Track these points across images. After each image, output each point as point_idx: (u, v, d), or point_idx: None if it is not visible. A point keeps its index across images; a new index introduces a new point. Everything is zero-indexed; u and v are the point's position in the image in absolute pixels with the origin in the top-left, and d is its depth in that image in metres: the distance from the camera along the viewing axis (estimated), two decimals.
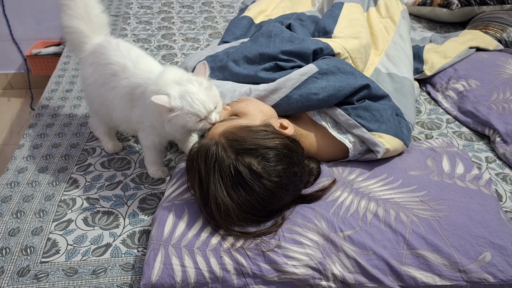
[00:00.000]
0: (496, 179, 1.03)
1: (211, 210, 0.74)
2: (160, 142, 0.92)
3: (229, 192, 0.73)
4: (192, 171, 0.77)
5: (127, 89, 0.86)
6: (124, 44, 0.92)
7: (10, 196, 0.94)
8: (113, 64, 0.87)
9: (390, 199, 0.81)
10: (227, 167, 0.73)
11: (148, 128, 0.89)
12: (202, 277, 0.71)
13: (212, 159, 0.74)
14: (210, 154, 0.74)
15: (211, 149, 0.74)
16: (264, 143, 0.75)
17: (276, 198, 0.76)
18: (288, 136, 0.82)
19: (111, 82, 0.88)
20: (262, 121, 0.84)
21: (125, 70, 0.86)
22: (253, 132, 0.77)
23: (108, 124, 1.02)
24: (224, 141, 0.76)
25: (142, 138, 0.93)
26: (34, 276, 0.76)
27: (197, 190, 0.77)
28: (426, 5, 1.83)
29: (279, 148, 0.76)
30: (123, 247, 0.83)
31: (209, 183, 0.74)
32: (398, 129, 0.93)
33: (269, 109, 0.92)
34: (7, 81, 2.52)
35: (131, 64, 0.86)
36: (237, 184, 0.73)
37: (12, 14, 2.29)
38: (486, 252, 0.73)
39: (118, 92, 0.88)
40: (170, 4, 2.00)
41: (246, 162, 0.73)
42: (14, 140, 2.17)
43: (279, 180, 0.74)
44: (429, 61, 1.41)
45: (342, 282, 0.73)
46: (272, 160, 0.74)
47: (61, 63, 1.50)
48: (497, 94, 1.22)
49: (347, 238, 0.74)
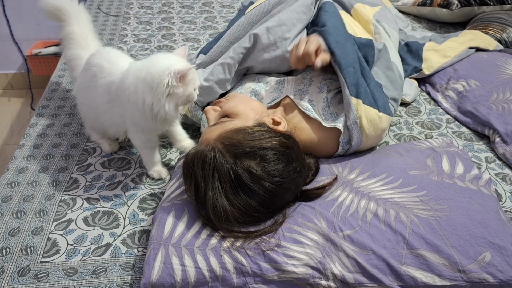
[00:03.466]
0: (496, 179, 1.03)
1: (209, 216, 0.74)
2: (148, 139, 0.94)
3: (229, 198, 0.72)
4: (188, 178, 0.77)
5: (104, 88, 0.90)
6: (107, 48, 0.97)
7: (10, 196, 0.94)
8: (93, 66, 0.93)
9: (390, 199, 0.81)
10: (226, 172, 0.72)
11: (132, 126, 0.91)
12: (202, 276, 0.71)
13: (210, 165, 0.73)
14: (208, 161, 0.73)
15: (208, 156, 0.73)
16: (261, 144, 0.75)
17: (277, 198, 0.76)
18: (282, 132, 0.82)
19: (91, 83, 0.93)
20: (255, 121, 0.83)
21: (102, 70, 0.91)
22: (248, 134, 0.77)
23: (99, 129, 1.04)
24: (221, 146, 0.75)
25: (131, 138, 0.96)
26: (34, 276, 0.76)
27: (193, 196, 0.76)
28: (426, 5, 1.83)
29: (276, 147, 0.76)
30: (123, 247, 0.83)
31: (206, 189, 0.73)
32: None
33: (259, 105, 0.92)
34: (7, 81, 2.52)
35: (107, 64, 0.91)
36: (237, 188, 0.72)
37: (12, 14, 2.29)
38: (486, 252, 0.73)
39: (97, 92, 0.92)
40: (170, 4, 2.00)
41: (245, 166, 0.73)
42: (14, 140, 2.17)
43: (280, 179, 0.74)
44: (428, 60, 1.41)
45: (342, 281, 0.73)
46: (271, 161, 0.74)
47: (61, 63, 1.50)
48: (497, 94, 1.22)
49: (347, 237, 0.75)
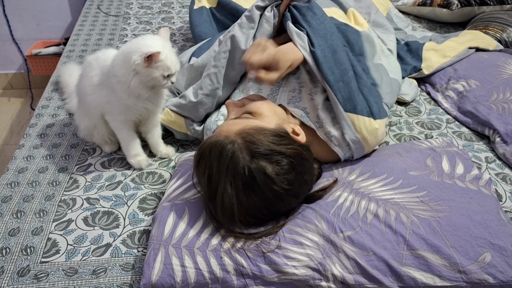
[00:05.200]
0: (496, 179, 1.03)
1: (216, 210, 0.74)
2: (125, 120, 0.98)
3: (239, 195, 0.72)
4: (201, 167, 0.75)
5: (96, 71, 0.95)
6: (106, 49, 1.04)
7: (10, 196, 0.94)
8: (90, 59, 0.99)
9: (390, 200, 0.81)
10: (241, 168, 0.71)
11: (116, 107, 0.95)
12: (202, 277, 0.71)
13: (227, 158, 0.72)
14: (225, 153, 0.72)
15: (226, 148, 0.72)
16: (280, 149, 0.74)
17: (283, 205, 0.76)
18: (301, 143, 0.81)
19: (87, 73, 0.98)
20: (277, 125, 0.82)
21: (98, 58, 0.97)
22: (269, 136, 0.76)
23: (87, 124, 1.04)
24: (241, 141, 0.74)
25: (110, 120, 0.99)
26: (34, 276, 0.76)
27: (204, 187, 0.75)
28: (426, 5, 1.83)
29: (293, 156, 0.75)
30: (123, 247, 0.83)
31: (219, 182, 0.72)
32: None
33: (282, 112, 0.91)
34: (7, 81, 2.52)
35: (102, 55, 0.97)
36: (248, 187, 0.72)
37: (12, 14, 2.29)
38: (486, 252, 0.73)
39: (90, 78, 0.96)
40: (170, 4, 2.00)
41: (261, 166, 0.72)
42: (14, 140, 2.17)
43: (290, 188, 0.74)
44: (428, 59, 1.40)
45: (342, 282, 0.73)
46: (286, 167, 0.73)
47: (61, 63, 1.49)
48: (497, 94, 1.22)
49: (347, 238, 0.75)
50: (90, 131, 1.05)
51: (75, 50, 1.58)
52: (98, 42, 1.63)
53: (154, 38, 0.90)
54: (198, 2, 1.50)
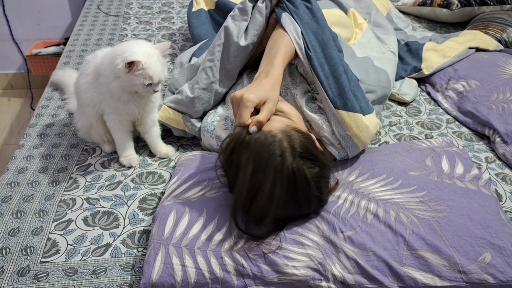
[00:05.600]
0: (496, 179, 1.03)
1: (251, 204, 0.71)
2: (120, 121, 0.99)
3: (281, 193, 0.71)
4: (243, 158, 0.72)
5: (92, 69, 0.96)
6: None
7: (10, 196, 0.94)
8: (89, 57, 1.00)
9: (390, 200, 0.81)
10: (286, 168, 0.70)
11: (107, 106, 0.96)
12: (202, 277, 0.71)
13: (275, 154, 0.71)
14: (273, 148, 0.71)
15: (273, 144, 0.71)
16: (321, 157, 0.75)
17: (309, 209, 0.77)
18: (322, 150, 0.81)
19: (84, 70, 0.99)
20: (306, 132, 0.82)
21: (95, 56, 0.98)
22: (311, 143, 0.77)
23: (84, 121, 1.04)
24: (288, 140, 0.73)
25: (107, 120, 1.00)
26: (34, 276, 0.76)
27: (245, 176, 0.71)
28: (426, 5, 1.83)
29: (328, 165, 0.77)
30: (123, 247, 0.83)
31: (264, 178, 0.70)
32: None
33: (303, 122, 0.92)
34: (7, 81, 2.52)
35: (100, 52, 0.98)
36: (290, 187, 0.71)
37: (12, 14, 2.29)
38: (486, 252, 0.73)
39: (86, 78, 0.98)
40: (170, 4, 2.00)
41: (303, 169, 0.71)
42: (14, 140, 2.17)
43: (320, 195, 0.75)
44: (428, 59, 1.41)
45: (342, 283, 0.73)
46: (322, 176, 0.75)
47: (61, 63, 1.49)
48: (497, 94, 1.22)
49: (347, 238, 0.75)
50: (87, 129, 1.05)
51: (75, 50, 1.58)
52: (98, 42, 1.64)
53: (143, 45, 0.90)
54: (196, 5, 1.50)
